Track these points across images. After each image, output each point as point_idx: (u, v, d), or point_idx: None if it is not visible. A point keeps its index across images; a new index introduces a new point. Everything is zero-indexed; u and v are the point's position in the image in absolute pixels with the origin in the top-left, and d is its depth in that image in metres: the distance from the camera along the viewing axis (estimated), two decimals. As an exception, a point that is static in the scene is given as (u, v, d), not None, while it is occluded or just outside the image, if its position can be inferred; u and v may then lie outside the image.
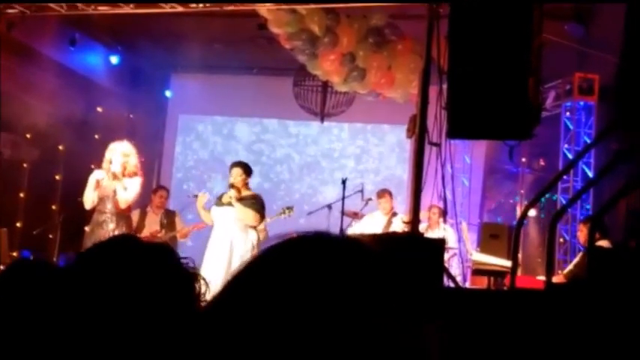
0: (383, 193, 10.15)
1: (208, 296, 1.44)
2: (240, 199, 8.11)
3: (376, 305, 0.93)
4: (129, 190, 8.06)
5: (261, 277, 0.95)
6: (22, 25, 9.74)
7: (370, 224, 9.73)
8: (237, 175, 8.23)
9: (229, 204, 8.13)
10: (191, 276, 1.42)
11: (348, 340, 0.90)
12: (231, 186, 8.17)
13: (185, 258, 1.47)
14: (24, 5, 8.74)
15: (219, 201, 8.32)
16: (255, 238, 8.23)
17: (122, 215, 8.12)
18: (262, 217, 8.33)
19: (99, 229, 7.98)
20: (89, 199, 8.07)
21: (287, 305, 0.91)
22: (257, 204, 8.19)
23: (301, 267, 0.94)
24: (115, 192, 7.99)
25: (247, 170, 8.33)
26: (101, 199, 8.05)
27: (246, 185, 8.28)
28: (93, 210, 8.13)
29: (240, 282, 0.97)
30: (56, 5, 8.67)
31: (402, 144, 12.83)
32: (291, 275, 0.93)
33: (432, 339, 1.00)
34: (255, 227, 8.29)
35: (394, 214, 10.00)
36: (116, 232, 7.91)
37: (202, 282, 1.42)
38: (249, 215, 8.09)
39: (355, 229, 9.51)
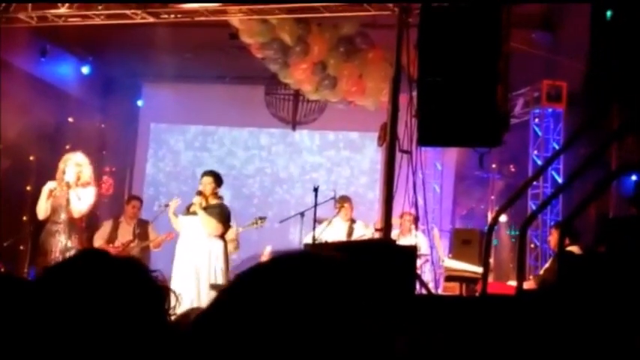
0: (344, 199, 10.14)
1: (178, 310, 1.46)
2: (206, 208, 8.14)
3: (357, 320, 0.97)
4: (83, 200, 8.06)
5: (245, 296, 0.99)
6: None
7: (329, 231, 9.72)
8: (207, 183, 8.27)
9: (195, 212, 8.17)
10: (161, 289, 1.43)
11: (325, 351, 0.94)
12: (199, 193, 8.20)
13: (155, 271, 1.48)
14: (-7, 16, 8.71)
15: (186, 210, 8.35)
16: (221, 247, 8.23)
17: (75, 225, 8.11)
18: (225, 227, 8.34)
19: (50, 238, 7.97)
20: (42, 209, 8.08)
21: (271, 321, 0.95)
22: (221, 214, 8.22)
23: (285, 286, 0.98)
24: (68, 201, 7.99)
25: (218, 180, 8.37)
26: (54, 209, 8.04)
27: (215, 195, 8.31)
28: (47, 220, 8.13)
29: (227, 300, 1.01)
30: (26, 17, 8.64)
31: (373, 152, 12.90)
32: (274, 294, 0.97)
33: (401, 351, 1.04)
34: (221, 236, 8.30)
35: (353, 221, 10.05)
36: (68, 242, 7.93)
37: (172, 296, 1.43)
38: (212, 224, 8.11)
39: (318, 234, 9.46)
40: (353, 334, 0.97)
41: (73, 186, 8.01)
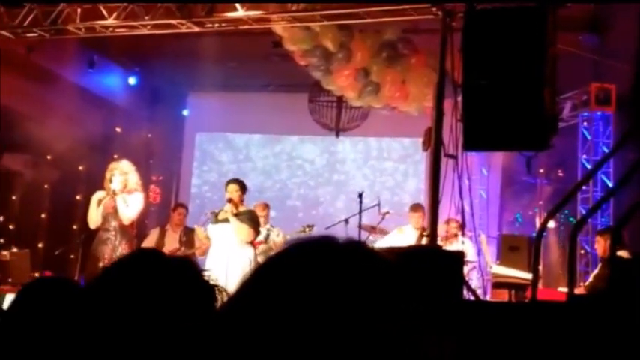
0: (417, 207, 10.02)
1: None
2: (236, 215, 8.20)
3: (382, 310, 0.95)
4: (130, 207, 8.17)
5: (270, 281, 0.98)
6: (42, 49, 9.87)
7: (400, 238, 9.67)
8: (233, 191, 8.34)
9: (225, 220, 8.22)
10: (213, 288, 1.45)
11: (354, 343, 0.93)
12: (229, 201, 8.26)
13: (206, 271, 1.49)
14: (43, 29, 8.84)
15: (215, 218, 8.41)
16: (251, 253, 8.29)
17: (126, 232, 8.22)
18: (257, 232, 8.43)
19: (102, 246, 8.09)
20: (93, 218, 8.23)
21: (294, 310, 0.94)
22: (252, 219, 8.30)
23: (308, 271, 0.96)
24: (116, 209, 8.10)
25: (243, 187, 8.45)
26: (104, 218, 8.17)
27: (241, 202, 8.38)
28: (98, 229, 8.25)
29: (251, 287, 1.00)
30: (75, 28, 8.77)
31: (417, 157, 12.85)
32: (299, 279, 0.96)
33: (447, 350, 1.02)
34: (251, 243, 8.36)
35: (424, 229, 9.95)
36: (119, 249, 8.04)
37: (224, 294, 1.44)
38: (244, 230, 8.17)
39: (384, 242, 9.47)
40: (367, 330, 0.95)
41: (120, 193, 8.11)
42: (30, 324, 2.36)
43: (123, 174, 8.22)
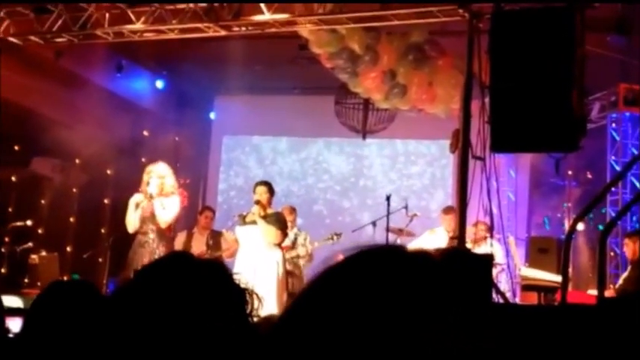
0: (449, 209, 9.92)
1: (261, 312, 1.47)
2: (264, 217, 8.20)
3: (444, 318, 0.95)
4: (167, 210, 8.20)
5: (334, 289, 0.98)
6: (70, 54, 9.96)
7: (431, 241, 9.64)
8: (262, 192, 8.33)
9: (253, 222, 8.22)
10: (243, 291, 1.45)
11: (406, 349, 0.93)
12: (257, 202, 8.26)
13: (236, 274, 1.50)
14: (72, 34, 8.92)
15: (242, 220, 8.40)
16: (280, 256, 8.28)
17: (163, 235, 8.27)
18: (284, 234, 8.42)
19: (141, 250, 8.13)
20: (131, 222, 8.26)
21: (358, 316, 0.94)
22: (280, 221, 8.29)
23: (374, 279, 0.96)
24: (153, 213, 8.13)
25: (271, 189, 8.44)
26: (142, 221, 8.21)
27: (269, 204, 8.37)
28: (136, 233, 8.29)
29: (313, 294, 1.00)
30: (103, 33, 8.84)
31: (445, 158, 12.81)
32: (363, 286, 0.96)
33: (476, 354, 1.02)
34: (279, 245, 8.36)
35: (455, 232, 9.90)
36: (157, 252, 8.06)
37: (255, 297, 1.44)
38: (272, 232, 8.16)
39: (415, 244, 9.44)
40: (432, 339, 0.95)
41: (157, 197, 8.15)
42: (48, 326, 2.39)
43: (160, 177, 8.26)
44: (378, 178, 13.60)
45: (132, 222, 8.25)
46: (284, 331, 1.00)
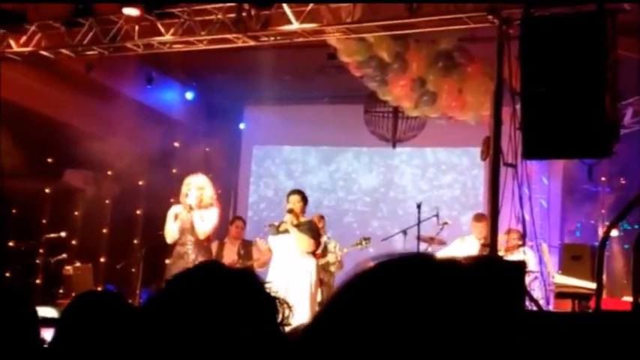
0: (480, 217, 9.79)
1: (293, 321, 1.47)
2: (297, 226, 8.21)
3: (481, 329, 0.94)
4: (206, 221, 8.23)
5: (363, 296, 0.97)
6: (101, 66, 10.06)
7: (462, 248, 9.57)
8: (295, 201, 8.34)
9: (286, 231, 8.23)
10: (274, 300, 1.44)
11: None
12: (290, 211, 8.26)
13: (268, 282, 1.49)
14: (102, 46, 9.01)
15: (276, 230, 8.42)
16: (313, 265, 8.28)
17: (202, 246, 8.29)
18: (317, 243, 8.42)
19: (180, 261, 8.15)
20: (170, 232, 8.29)
21: (386, 324, 0.93)
22: (312, 230, 8.31)
23: (405, 287, 0.96)
24: (192, 224, 8.16)
25: (304, 198, 8.45)
26: (181, 232, 8.24)
27: (302, 213, 8.37)
28: (175, 243, 8.32)
29: (342, 301, 0.99)
30: (133, 45, 8.92)
31: (476, 167, 12.74)
32: (391, 294, 0.95)
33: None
34: (313, 254, 8.36)
35: (486, 239, 9.83)
36: (196, 263, 8.07)
37: (286, 306, 1.44)
38: (305, 241, 8.17)
39: (445, 252, 9.39)
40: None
41: (196, 208, 8.19)
42: (78, 336, 2.40)
43: (199, 189, 8.30)
44: (408, 188, 13.55)
45: (171, 233, 8.29)
46: (313, 339, 0.99)
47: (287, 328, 1.44)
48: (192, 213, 8.16)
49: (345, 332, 0.96)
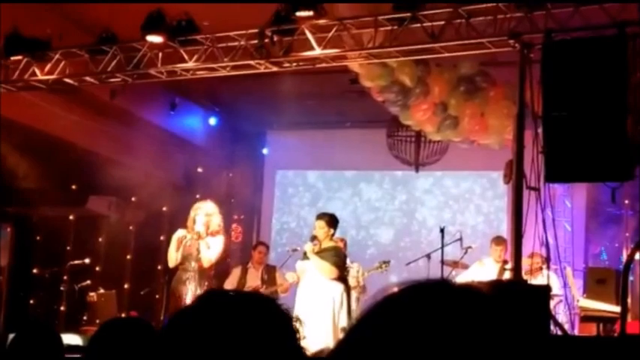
0: (500, 240, 9.79)
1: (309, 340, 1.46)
2: (321, 251, 8.16)
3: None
4: (212, 249, 8.24)
5: (386, 323, 0.98)
6: (124, 93, 10.17)
7: (481, 272, 9.52)
8: (319, 227, 8.30)
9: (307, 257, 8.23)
10: (288, 321, 1.44)
11: None
12: (313, 238, 8.25)
13: (281, 304, 1.49)
14: (126, 73, 9.11)
15: (304, 255, 8.40)
16: (340, 290, 8.21)
17: (204, 274, 8.29)
18: (341, 269, 8.34)
19: (181, 286, 8.17)
20: (172, 257, 8.32)
21: (406, 352, 0.94)
22: (335, 256, 8.22)
23: (425, 315, 0.97)
24: (198, 250, 8.17)
25: (330, 223, 8.35)
26: (185, 258, 8.25)
27: (330, 237, 8.32)
28: (177, 268, 8.34)
29: (365, 328, 1.00)
30: (156, 72, 9.01)
31: (499, 190, 12.70)
32: (414, 323, 0.96)
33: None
34: (342, 279, 8.30)
35: (506, 262, 9.79)
36: (198, 290, 8.08)
37: (298, 324, 1.43)
38: (326, 268, 8.10)
39: (465, 276, 9.35)
40: None
41: (203, 235, 8.21)
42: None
43: (207, 215, 8.32)
44: (432, 211, 13.52)
45: (173, 258, 8.30)
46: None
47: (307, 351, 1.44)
48: (200, 242, 8.16)
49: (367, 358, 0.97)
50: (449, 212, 13.38)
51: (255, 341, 1.34)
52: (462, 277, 9.25)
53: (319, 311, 7.98)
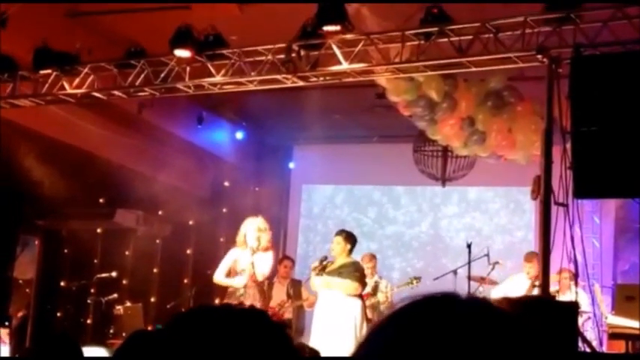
0: (531, 256, 9.69)
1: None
2: (340, 268, 8.15)
3: None
4: (264, 264, 8.30)
5: (391, 337, 0.97)
6: (152, 107, 10.24)
7: (513, 287, 9.47)
8: (336, 242, 8.32)
9: (329, 273, 8.21)
10: (280, 325, 1.43)
11: None
12: (323, 259, 8.31)
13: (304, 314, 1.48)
14: (154, 88, 9.17)
15: (322, 270, 8.40)
16: (357, 307, 8.18)
17: (257, 288, 8.32)
18: (363, 285, 8.32)
19: (234, 302, 8.17)
20: (220, 274, 8.36)
21: None
22: (356, 271, 8.21)
23: (429, 328, 0.96)
24: (253, 265, 8.21)
25: (348, 239, 8.37)
26: (238, 273, 8.30)
27: (347, 253, 8.31)
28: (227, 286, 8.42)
29: (371, 342, 1.00)
30: (184, 86, 9.06)
31: (526, 206, 12.61)
32: (419, 337, 0.95)
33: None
34: (359, 296, 8.28)
35: (536, 278, 9.71)
36: (258, 305, 8.10)
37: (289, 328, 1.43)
38: (346, 286, 8.09)
39: (498, 291, 9.30)
40: None
41: (256, 251, 8.26)
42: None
43: (258, 230, 8.39)
44: (458, 226, 13.46)
45: (221, 274, 8.38)
46: None
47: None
48: (253, 256, 8.23)
49: None
50: (476, 227, 13.30)
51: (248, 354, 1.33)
52: (494, 293, 9.20)
53: (340, 328, 7.95)
